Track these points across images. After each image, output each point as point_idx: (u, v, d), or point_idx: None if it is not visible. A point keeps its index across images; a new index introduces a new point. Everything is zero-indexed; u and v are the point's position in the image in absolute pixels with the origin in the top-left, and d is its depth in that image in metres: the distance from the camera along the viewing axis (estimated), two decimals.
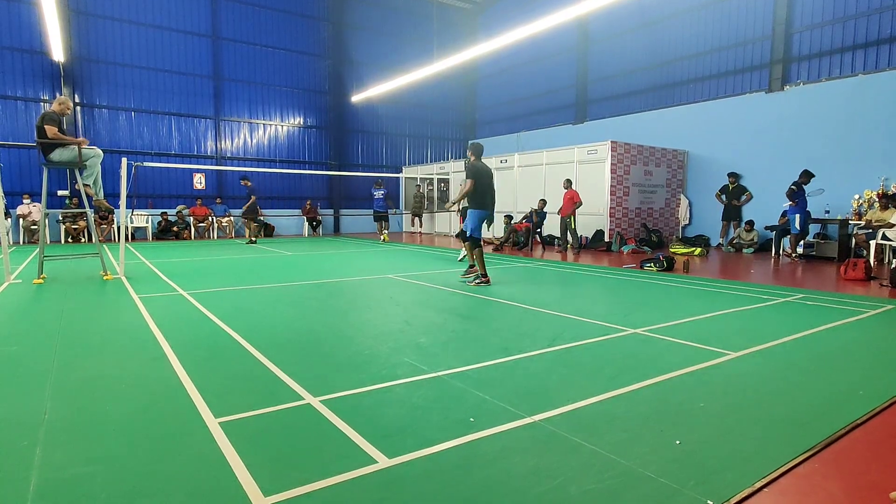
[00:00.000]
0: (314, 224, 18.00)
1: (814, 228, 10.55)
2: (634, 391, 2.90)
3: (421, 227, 18.88)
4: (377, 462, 2.08)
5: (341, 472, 2.00)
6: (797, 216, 9.70)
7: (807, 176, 9.75)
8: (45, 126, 6.25)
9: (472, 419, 2.50)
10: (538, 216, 12.72)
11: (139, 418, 2.53)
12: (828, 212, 10.60)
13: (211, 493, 1.87)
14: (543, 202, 12.71)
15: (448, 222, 18.05)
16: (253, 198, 13.54)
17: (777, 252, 10.49)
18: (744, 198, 12.30)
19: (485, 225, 6.86)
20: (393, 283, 6.86)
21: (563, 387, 2.98)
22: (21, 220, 13.45)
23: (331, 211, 18.96)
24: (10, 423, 2.46)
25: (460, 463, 2.09)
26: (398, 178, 19.66)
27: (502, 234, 13.31)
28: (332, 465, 2.05)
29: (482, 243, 6.82)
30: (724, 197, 11.96)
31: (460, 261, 8.93)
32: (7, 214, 12.71)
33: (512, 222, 13.24)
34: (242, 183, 13.96)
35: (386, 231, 14.88)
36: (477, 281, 6.62)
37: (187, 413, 2.56)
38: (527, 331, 4.34)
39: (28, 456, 2.13)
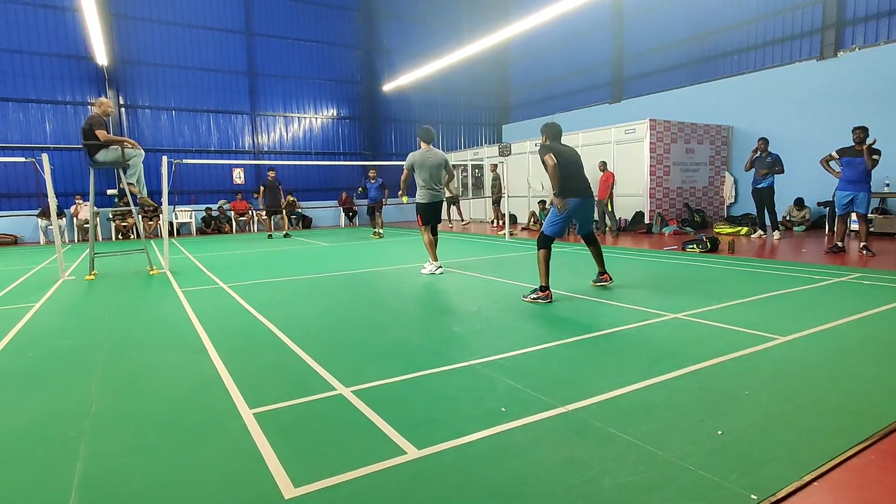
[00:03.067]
0: (350, 214, 18.21)
1: (872, 203, 9.89)
2: (673, 379, 2.78)
3: (501, 219, 14.30)
4: (406, 453, 2.07)
5: (371, 463, 2.00)
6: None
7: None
8: (96, 131, 6.52)
9: (503, 409, 2.46)
10: None
11: (178, 409, 2.60)
12: (888, 184, 9.95)
13: (243, 484, 1.90)
14: None
15: (483, 209, 17.91)
16: (262, 188, 13.30)
17: (832, 230, 9.93)
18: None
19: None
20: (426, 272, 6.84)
21: (598, 375, 2.89)
22: (74, 219, 14.13)
23: (366, 200, 19.08)
24: (60, 415, 2.57)
25: (490, 454, 2.05)
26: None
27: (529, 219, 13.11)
28: (362, 456, 2.05)
29: (551, 245, 4.98)
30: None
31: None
32: (61, 214, 13.41)
33: (547, 205, 13.02)
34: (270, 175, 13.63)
35: (380, 228, 13.06)
36: (533, 296, 4.81)
37: (223, 404, 2.62)
38: (562, 317, 4.25)
39: (74, 447, 2.22)
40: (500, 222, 14.43)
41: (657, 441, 2.10)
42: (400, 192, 7.10)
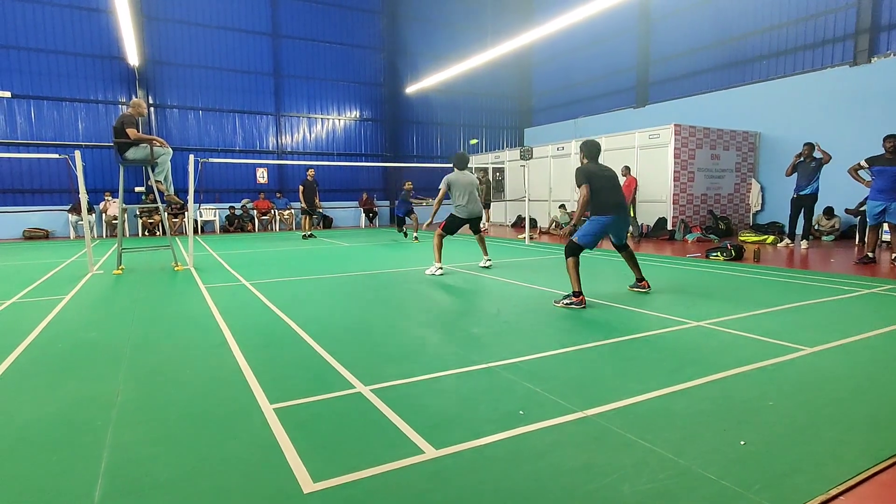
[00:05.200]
0: (371, 215, 18.34)
1: None
2: (696, 387, 2.74)
3: (488, 220, 15.94)
4: (424, 452, 2.07)
5: (388, 461, 2.01)
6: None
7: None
8: (127, 129, 6.68)
9: (521, 412, 2.45)
10: None
11: (201, 402, 2.65)
12: None
13: (264, 477, 1.93)
14: None
15: (504, 213, 17.88)
16: (301, 187, 13.26)
17: (862, 240, 9.65)
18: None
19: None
20: (447, 273, 6.86)
21: (618, 381, 2.87)
22: (103, 215, 14.50)
23: (387, 202, 19.22)
24: (88, 404, 2.64)
25: (508, 456, 2.05)
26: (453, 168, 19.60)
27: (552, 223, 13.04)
28: (380, 454, 2.06)
29: (580, 253, 5.01)
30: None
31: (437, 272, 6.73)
32: (91, 210, 13.76)
33: (568, 210, 12.93)
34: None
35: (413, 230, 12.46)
36: (565, 301, 4.80)
37: (244, 398, 2.66)
38: (582, 322, 4.22)
39: (101, 435, 2.27)
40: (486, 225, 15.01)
41: (678, 449, 2.07)
42: (433, 210, 7.33)
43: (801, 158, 9.30)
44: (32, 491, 1.86)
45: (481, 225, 7.48)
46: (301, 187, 13.22)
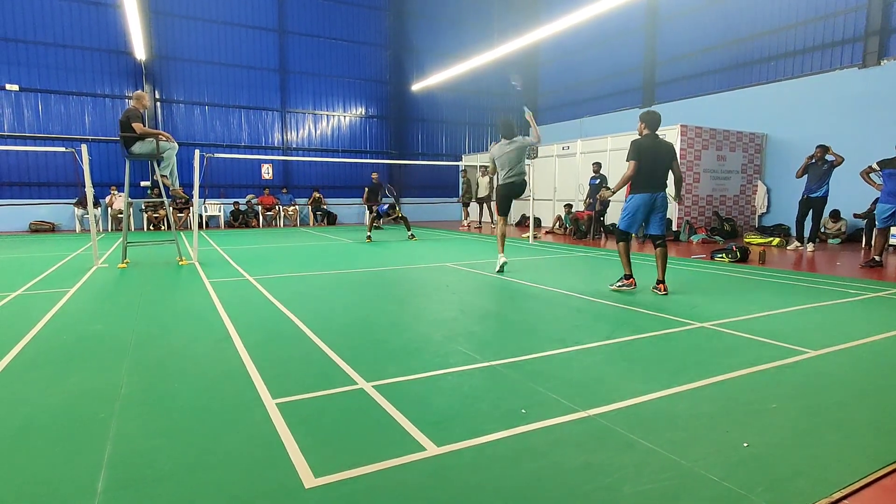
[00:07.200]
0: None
1: None
2: (699, 388, 2.73)
3: (467, 217, 16.53)
4: (426, 449, 2.07)
5: (390, 457, 2.01)
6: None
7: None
8: (133, 123, 6.70)
9: (523, 410, 2.45)
10: (601, 204, 12.31)
11: (203, 396, 2.66)
12: None
13: (266, 471, 1.93)
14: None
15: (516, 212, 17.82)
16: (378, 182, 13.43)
17: (869, 243, 9.60)
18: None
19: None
20: (450, 272, 6.86)
21: (621, 381, 2.86)
22: (109, 209, 14.55)
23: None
24: (92, 395, 2.65)
25: (509, 454, 2.05)
26: (457, 165, 19.60)
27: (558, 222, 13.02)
28: (382, 450, 2.06)
29: (629, 238, 5.47)
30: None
31: (497, 271, 6.65)
32: (97, 204, 13.82)
33: (573, 210, 12.90)
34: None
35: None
36: (618, 283, 5.33)
37: (247, 393, 2.66)
38: (585, 322, 4.21)
39: (104, 427, 2.28)
40: (467, 221, 16.21)
41: (680, 450, 2.07)
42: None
43: (813, 160, 9.25)
44: (36, 481, 1.87)
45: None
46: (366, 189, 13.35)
